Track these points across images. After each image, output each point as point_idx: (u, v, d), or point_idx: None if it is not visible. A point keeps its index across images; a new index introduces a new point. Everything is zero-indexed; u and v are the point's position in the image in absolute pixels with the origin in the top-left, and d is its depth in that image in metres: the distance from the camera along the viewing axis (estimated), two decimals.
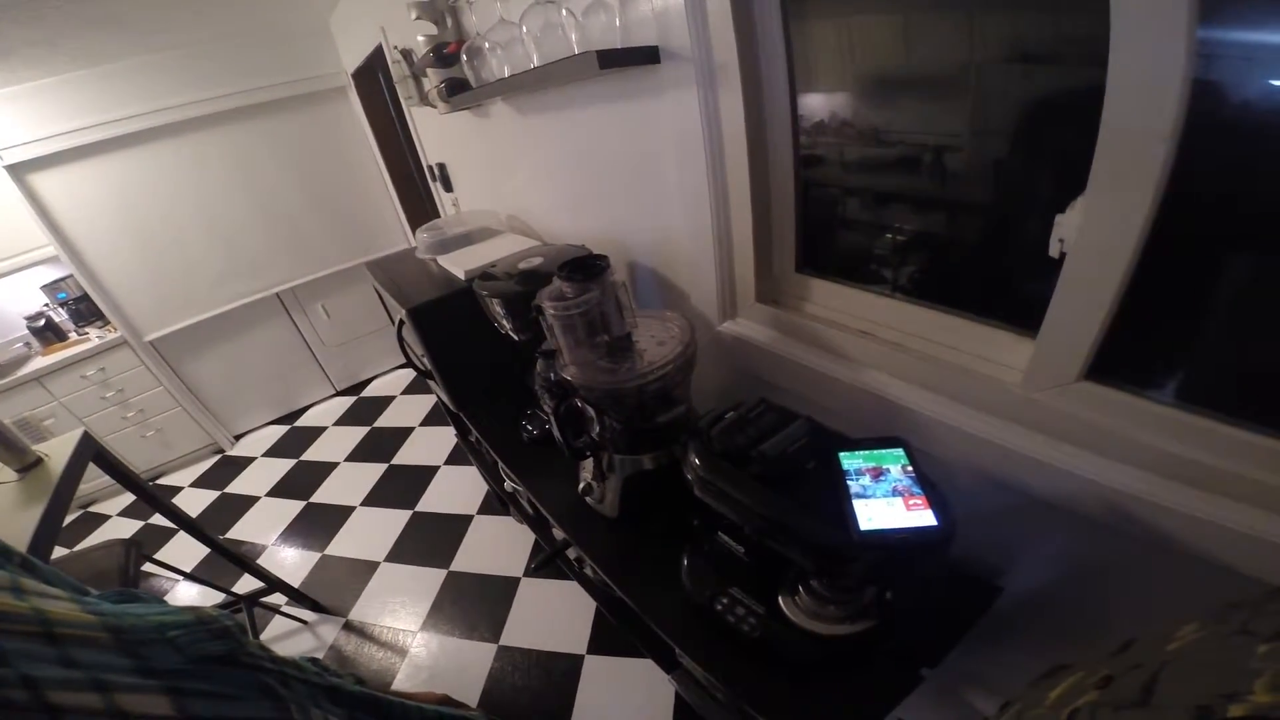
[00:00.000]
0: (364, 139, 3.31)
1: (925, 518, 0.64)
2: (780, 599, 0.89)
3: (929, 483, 0.68)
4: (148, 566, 1.95)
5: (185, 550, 2.35)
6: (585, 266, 1.05)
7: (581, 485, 1.22)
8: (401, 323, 1.61)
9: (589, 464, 1.20)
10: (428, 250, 1.82)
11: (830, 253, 1.14)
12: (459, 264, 1.60)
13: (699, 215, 1.14)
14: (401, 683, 1.83)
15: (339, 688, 0.53)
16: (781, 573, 0.90)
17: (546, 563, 1.39)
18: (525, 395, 1.47)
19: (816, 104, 1.01)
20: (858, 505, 0.68)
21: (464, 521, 2.38)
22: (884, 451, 0.74)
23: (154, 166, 2.88)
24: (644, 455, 1.13)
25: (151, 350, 3.10)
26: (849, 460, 0.75)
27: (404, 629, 2.01)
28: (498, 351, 1.54)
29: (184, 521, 1.91)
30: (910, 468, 0.71)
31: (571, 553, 1.37)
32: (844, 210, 1.10)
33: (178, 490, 3.10)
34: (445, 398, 1.68)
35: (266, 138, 3.10)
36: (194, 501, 2.96)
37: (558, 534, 1.38)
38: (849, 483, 0.71)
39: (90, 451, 1.65)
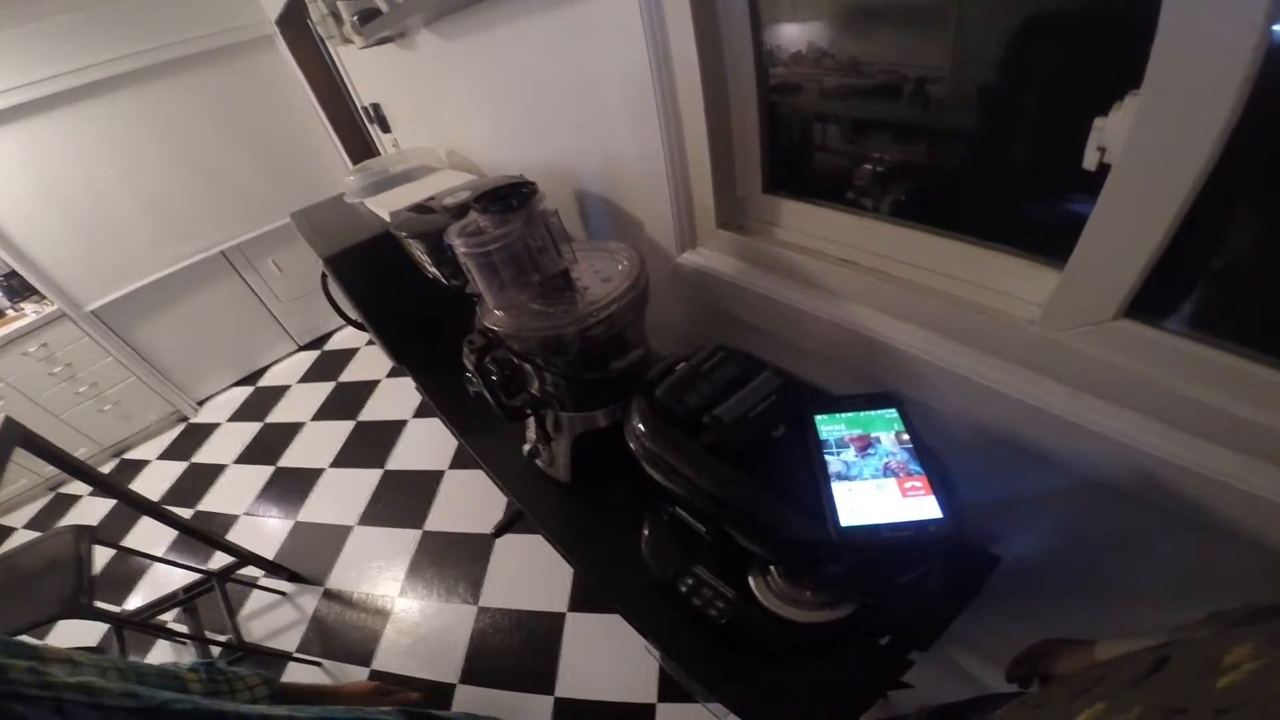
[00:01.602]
0: (299, 88, 3.07)
1: (926, 507, 0.49)
2: (751, 579, 0.76)
3: (929, 455, 0.53)
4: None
5: (159, 526, 2.25)
6: (505, 196, 0.87)
7: (526, 448, 1.07)
8: (324, 275, 1.42)
9: (532, 423, 1.04)
10: (357, 194, 1.64)
11: (805, 169, 0.96)
12: (386, 206, 1.41)
13: (647, 133, 0.96)
14: (386, 651, 1.78)
15: (166, 707, 0.43)
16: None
17: (506, 528, 1.26)
18: None
19: None
20: (839, 490, 0.52)
21: (435, 478, 2.28)
22: (872, 414, 0.58)
23: (68, 132, 2.66)
24: (596, 410, 0.99)
25: (94, 320, 2.92)
26: (828, 427, 0.59)
27: (383, 594, 1.95)
28: (436, 299, 1.37)
29: (133, 502, 1.78)
30: (906, 436, 0.55)
31: None
32: (821, 115, 0.89)
33: (145, 464, 2.98)
34: (384, 351, 1.52)
35: (191, 94, 2.87)
36: (163, 475, 2.85)
37: None
38: (827, 458, 0.56)
39: (15, 438, 1.48)
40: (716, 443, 0.63)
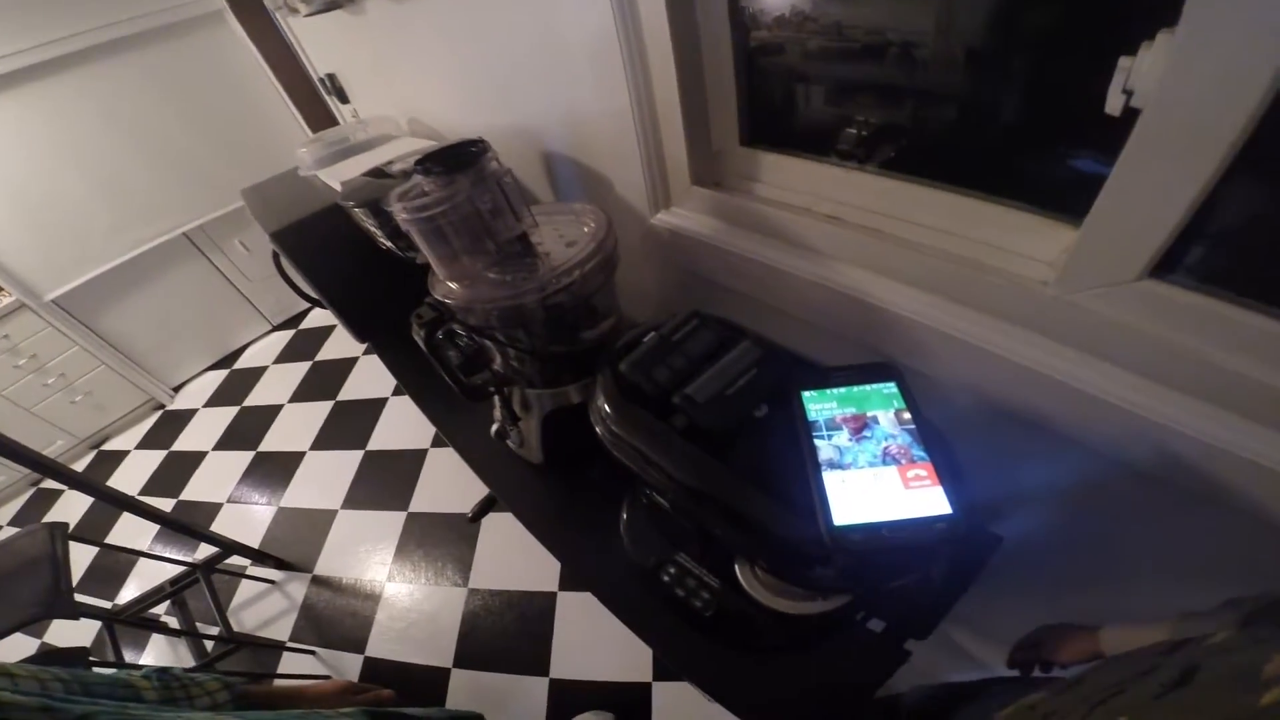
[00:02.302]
0: (253, 63, 2.90)
1: (933, 500, 0.41)
2: (737, 567, 0.70)
3: (936, 437, 0.45)
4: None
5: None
6: (450, 156, 0.78)
7: (494, 428, 1.00)
8: (275, 253, 1.32)
9: (498, 402, 0.97)
10: (310, 166, 1.54)
11: (787, 119, 0.87)
12: (339, 176, 1.30)
13: (613, 86, 0.86)
14: (378, 637, 1.75)
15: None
16: None
17: (482, 512, 1.20)
18: None
19: None
20: (830, 482, 0.45)
21: (418, 457, 2.21)
22: (868, 389, 0.51)
23: (10, 119, 2.52)
24: (568, 386, 0.92)
25: (56, 309, 2.80)
26: (818, 405, 0.51)
27: (372, 579, 1.90)
28: (398, 272, 1.28)
29: (108, 497, 1.71)
30: (908, 414, 0.47)
31: None
32: (806, 56, 0.79)
33: (124, 455, 2.90)
34: (347, 330, 1.43)
35: (140, 74, 2.72)
36: (142, 465, 2.77)
37: None
38: (816, 442, 0.48)
39: None
40: (691, 425, 0.55)
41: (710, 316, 0.64)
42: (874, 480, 0.44)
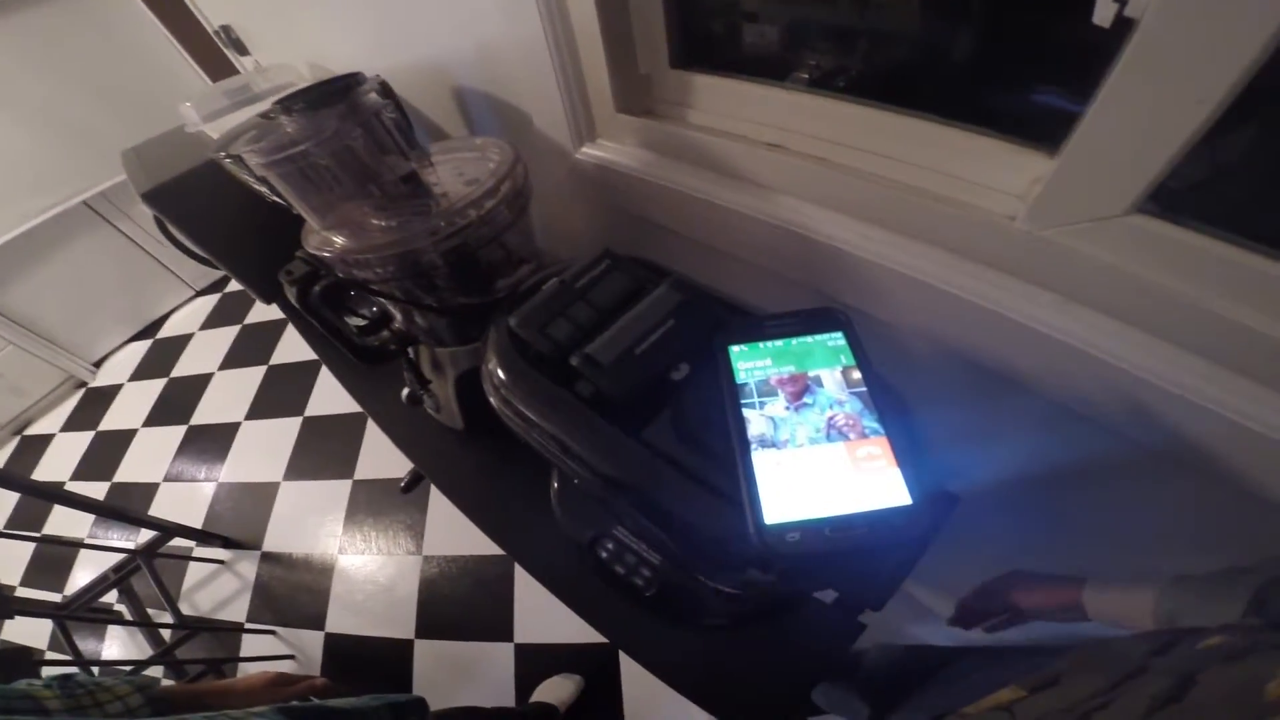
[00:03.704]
0: (144, 19, 2.65)
1: (888, 487, 0.32)
2: None
3: (890, 401, 0.36)
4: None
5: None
6: (316, 92, 0.67)
7: (405, 393, 0.89)
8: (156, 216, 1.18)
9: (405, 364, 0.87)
10: (198, 121, 1.37)
11: (722, 36, 0.75)
12: (223, 128, 1.14)
13: (519, 6, 0.74)
14: (337, 612, 1.68)
15: None
16: None
17: (414, 483, 1.11)
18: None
19: None
20: (762, 465, 0.36)
21: (359, 421, 2.08)
22: (810, 342, 0.41)
23: None
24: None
25: None
26: (748, 363, 0.41)
27: (324, 552, 1.82)
28: (296, 226, 1.15)
29: (28, 489, 1.57)
30: (857, 373, 0.37)
31: None
32: None
33: (49, 439, 2.69)
34: (250, 292, 1.29)
35: (12, 39, 2.45)
36: (70, 448, 2.58)
37: None
38: (745, 413, 0.38)
39: None
40: (597, 392, 0.45)
41: (625, 258, 0.53)
42: (816, 462, 0.35)
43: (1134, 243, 0.43)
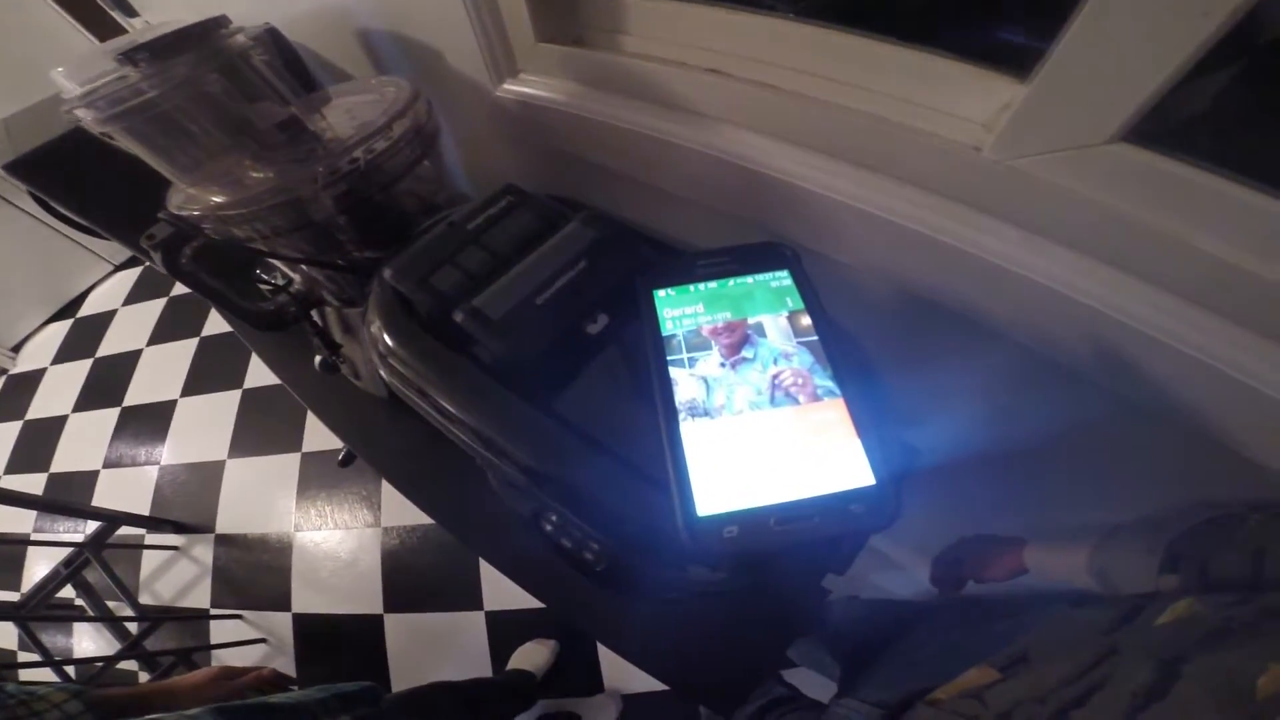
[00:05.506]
0: None
1: (847, 463, 0.26)
2: None
3: (845, 352, 0.28)
4: None
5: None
6: (167, 40, 0.58)
7: (317, 360, 0.81)
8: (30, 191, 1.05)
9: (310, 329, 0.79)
10: (74, 89, 1.18)
11: None
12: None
13: None
14: (301, 590, 1.63)
15: None
16: None
17: (352, 457, 1.04)
18: None
19: None
20: (691, 437, 0.28)
21: None
22: (749, 283, 0.33)
23: None
24: None
25: None
26: (675, 310, 0.34)
27: (280, 531, 1.74)
28: None
29: None
30: (807, 319, 0.30)
31: None
32: None
33: None
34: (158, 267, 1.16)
35: None
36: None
37: None
38: (672, 372, 0.31)
39: None
40: (496, 357, 0.37)
41: (531, 194, 0.44)
42: (758, 433, 0.28)
43: (1116, 173, 0.38)
